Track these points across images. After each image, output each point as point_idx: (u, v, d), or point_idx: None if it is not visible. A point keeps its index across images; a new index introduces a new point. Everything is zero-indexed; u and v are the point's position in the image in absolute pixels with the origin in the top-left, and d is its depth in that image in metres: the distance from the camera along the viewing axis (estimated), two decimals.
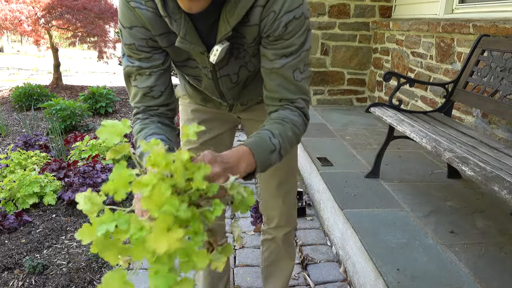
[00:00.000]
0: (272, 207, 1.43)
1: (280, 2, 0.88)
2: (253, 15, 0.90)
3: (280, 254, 1.52)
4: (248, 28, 0.93)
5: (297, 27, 0.91)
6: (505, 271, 1.64)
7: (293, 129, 0.95)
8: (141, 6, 0.90)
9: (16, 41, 19.25)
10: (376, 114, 2.51)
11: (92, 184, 2.59)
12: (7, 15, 6.05)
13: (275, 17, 0.89)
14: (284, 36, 0.91)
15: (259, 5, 0.89)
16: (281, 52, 0.94)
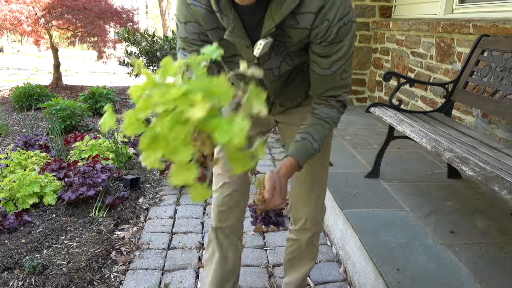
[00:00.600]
0: (301, 209, 1.42)
1: (333, 11, 0.96)
2: (303, 20, 0.98)
3: (302, 253, 1.53)
4: (295, 30, 1.00)
5: (346, 30, 1.01)
6: (505, 271, 1.64)
7: (330, 127, 1.13)
8: (196, 3, 1.00)
9: (16, 41, 19.25)
10: (376, 114, 2.51)
11: (92, 184, 2.59)
12: (7, 15, 6.05)
13: (329, 25, 0.98)
14: (335, 40, 1.00)
15: (310, 12, 0.96)
16: (333, 58, 1.04)
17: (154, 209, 2.65)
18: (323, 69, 1.07)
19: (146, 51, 6.03)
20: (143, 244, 2.22)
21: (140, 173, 3.18)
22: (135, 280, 1.91)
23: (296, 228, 1.48)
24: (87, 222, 2.39)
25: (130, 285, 1.87)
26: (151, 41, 6.01)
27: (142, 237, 2.30)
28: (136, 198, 2.78)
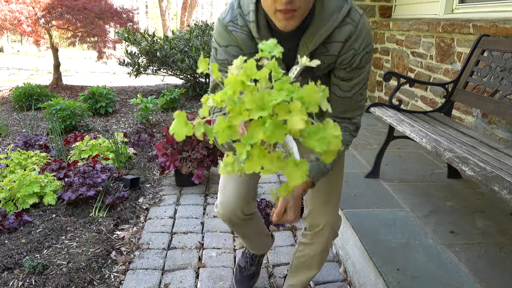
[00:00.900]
0: (319, 216, 1.42)
1: (359, 42, 1.08)
2: (333, 48, 1.10)
3: (312, 259, 1.51)
4: (324, 56, 1.12)
5: (368, 58, 1.13)
6: (505, 271, 1.64)
7: (345, 147, 1.22)
8: (237, 30, 1.10)
9: (16, 41, 19.25)
10: (376, 114, 2.51)
11: (92, 184, 2.59)
12: (7, 15, 6.05)
13: (355, 54, 1.10)
14: (359, 66, 1.12)
15: (339, 41, 1.08)
16: (354, 81, 1.14)
17: (154, 209, 2.65)
18: (343, 92, 1.17)
19: (146, 51, 6.02)
20: (143, 244, 2.22)
21: (140, 173, 3.18)
22: (135, 280, 1.91)
23: (311, 233, 1.46)
24: (87, 222, 2.39)
25: (130, 285, 1.87)
26: (151, 41, 6.01)
27: (142, 237, 2.30)
28: (136, 198, 2.78)
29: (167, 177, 3.16)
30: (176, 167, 2.82)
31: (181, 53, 5.78)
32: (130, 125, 4.72)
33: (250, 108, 0.65)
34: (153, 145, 3.77)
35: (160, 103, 5.17)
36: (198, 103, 5.73)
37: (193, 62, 5.64)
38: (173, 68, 6.02)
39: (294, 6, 0.95)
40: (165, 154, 2.85)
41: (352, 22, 1.07)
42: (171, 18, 22.81)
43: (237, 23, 1.09)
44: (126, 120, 4.96)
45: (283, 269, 2.01)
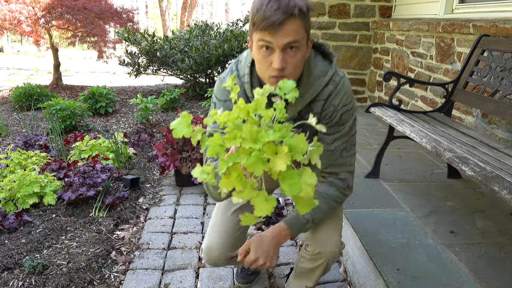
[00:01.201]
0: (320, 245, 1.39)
1: (338, 98, 1.21)
2: (316, 106, 1.23)
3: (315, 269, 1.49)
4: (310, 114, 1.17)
5: (349, 116, 1.24)
6: (505, 271, 1.64)
7: (328, 202, 1.29)
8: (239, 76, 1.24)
9: (16, 41, 19.24)
10: (376, 114, 2.51)
11: (92, 184, 2.59)
12: (7, 15, 6.05)
13: (334, 110, 1.22)
14: (339, 122, 1.23)
15: (321, 99, 1.22)
16: (335, 136, 1.24)
17: (154, 209, 2.65)
18: (326, 145, 1.24)
19: (146, 51, 6.02)
20: (143, 244, 2.22)
21: (140, 173, 3.18)
22: (135, 280, 1.91)
23: (310, 255, 1.44)
24: (87, 222, 2.39)
25: (130, 285, 1.87)
26: (151, 41, 6.01)
27: (142, 237, 2.30)
28: (136, 198, 2.78)
29: (167, 177, 3.16)
30: (176, 167, 2.82)
31: (181, 53, 5.78)
32: (130, 125, 4.72)
33: (245, 137, 0.72)
34: (153, 145, 3.77)
35: (160, 103, 5.17)
36: (198, 103, 5.73)
37: (193, 62, 5.64)
38: (173, 68, 6.02)
39: (284, 73, 1.10)
40: (165, 154, 2.85)
41: (333, 83, 1.21)
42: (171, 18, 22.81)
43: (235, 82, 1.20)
44: (126, 120, 4.96)
45: (283, 269, 2.01)
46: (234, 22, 6.78)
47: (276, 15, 1.04)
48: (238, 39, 5.81)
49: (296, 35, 1.08)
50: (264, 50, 1.11)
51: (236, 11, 31.58)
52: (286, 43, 1.07)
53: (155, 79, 8.93)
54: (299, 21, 1.07)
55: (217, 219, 1.52)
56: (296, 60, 1.11)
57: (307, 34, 1.13)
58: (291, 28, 1.06)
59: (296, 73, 1.14)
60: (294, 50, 1.09)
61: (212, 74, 6.20)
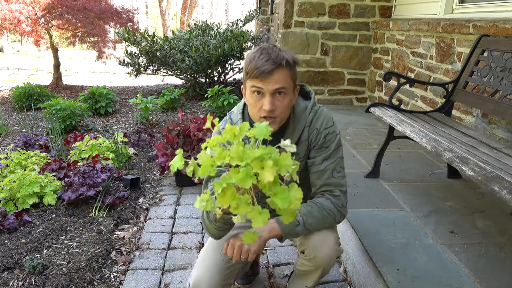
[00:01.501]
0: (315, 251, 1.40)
1: (319, 122, 1.39)
2: (303, 134, 1.40)
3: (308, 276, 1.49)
4: (300, 145, 1.39)
5: (332, 138, 1.39)
6: (505, 271, 1.64)
7: (320, 210, 1.36)
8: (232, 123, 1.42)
9: (16, 41, 19.24)
10: (376, 114, 2.51)
11: (92, 184, 2.59)
12: (6, 15, 6.05)
13: (318, 132, 1.38)
14: (324, 144, 1.39)
15: (306, 126, 1.39)
16: (323, 156, 1.38)
17: (154, 209, 2.65)
18: (316, 166, 1.39)
19: (146, 51, 6.02)
20: (143, 244, 2.22)
21: (140, 173, 3.18)
22: (135, 280, 1.91)
23: (307, 258, 1.43)
24: (87, 222, 2.39)
25: (130, 285, 1.87)
26: (151, 41, 6.01)
27: (142, 237, 2.30)
28: (136, 198, 2.78)
29: (167, 177, 3.16)
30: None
31: (181, 53, 5.78)
32: (130, 125, 4.72)
33: (233, 156, 0.84)
34: (153, 145, 3.77)
35: (160, 103, 5.17)
36: (198, 103, 5.73)
37: (193, 62, 5.64)
38: (173, 68, 6.02)
39: (273, 114, 1.28)
40: (165, 154, 2.85)
41: (313, 111, 1.41)
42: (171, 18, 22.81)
43: None
44: (126, 120, 4.96)
45: (283, 269, 2.01)
46: (234, 22, 6.78)
47: (266, 65, 1.24)
48: (238, 39, 5.81)
49: (284, 83, 1.27)
50: (256, 95, 1.29)
51: (236, 11, 31.58)
52: (275, 88, 1.26)
53: (155, 79, 8.93)
54: (286, 71, 1.27)
55: (207, 253, 1.48)
56: (284, 104, 1.29)
57: (294, 83, 1.32)
58: (279, 76, 1.26)
59: (283, 116, 1.32)
60: (282, 95, 1.28)
61: (212, 74, 6.20)
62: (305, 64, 4.77)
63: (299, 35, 4.66)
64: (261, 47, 1.31)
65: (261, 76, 1.25)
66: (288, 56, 1.28)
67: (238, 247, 1.29)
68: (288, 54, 1.29)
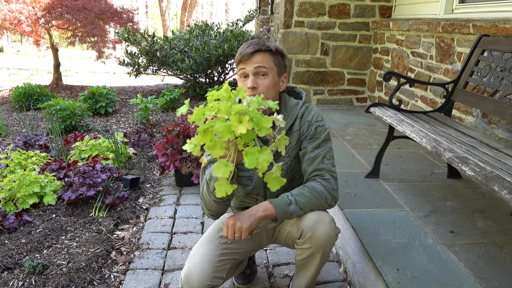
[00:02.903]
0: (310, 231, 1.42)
1: (310, 115, 1.51)
2: (295, 125, 1.51)
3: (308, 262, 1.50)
4: (292, 135, 1.50)
5: (322, 130, 1.50)
6: (505, 271, 1.64)
7: (311, 191, 1.43)
8: None
9: (16, 41, 19.24)
10: (376, 114, 2.51)
11: (92, 184, 2.59)
12: (7, 15, 6.05)
13: (309, 124, 1.50)
14: (315, 135, 1.49)
15: (298, 118, 1.50)
16: (314, 144, 1.48)
17: (154, 209, 2.65)
18: (309, 153, 1.48)
19: (146, 51, 6.02)
20: (143, 244, 2.22)
21: (140, 173, 3.18)
22: (135, 280, 1.91)
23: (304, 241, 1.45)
24: (87, 222, 2.39)
25: (130, 285, 1.87)
26: (151, 41, 6.01)
27: (142, 237, 2.30)
28: (136, 198, 2.78)
29: (167, 177, 3.16)
30: (176, 167, 2.82)
31: (181, 53, 5.78)
32: (130, 125, 4.72)
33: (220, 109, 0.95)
34: (153, 145, 3.77)
35: (160, 103, 5.17)
36: (198, 103, 5.73)
37: (193, 62, 5.64)
38: (173, 68, 6.02)
39: (256, 92, 1.41)
40: (165, 154, 2.85)
41: (305, 106, 1.54)
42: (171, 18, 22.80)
43: None
44: (126, 120, 4.96)
45: (283, 269, 2.01)
46: (234, 22, 6.78)
47: (248, 49, 1.43)
48: (238, 39, 5.81)
49: (264, 63, 1.42)
50: (243, 78, 1.46)
51: (236, 11, 31.59)
52: (255, 67, 1.41)
53: (155, 79, 8.93)
54: (267, 54, 1.43)
55: (200, 246, 1.52)
56: (266, 83, 1.42)
57: (278, 68, 1.46)
58: (259, 57, 1.42)
59: (267, 94, 1.43)
60: (264, 76, 1.42)
61: (212, 74, 6.20)
62: (305, 64, 4.77)
63: (299, 35, 4.67)
64: (250, 40, 1.48)
65: (243, 58, 1.43)
66: (271, 44, 1.45)
67: (231, 226, 1.35)
68: (272, 44, 1.45)
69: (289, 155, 1.52)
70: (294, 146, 1.51)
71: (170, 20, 21.53)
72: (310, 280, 1.59)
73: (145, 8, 29.39)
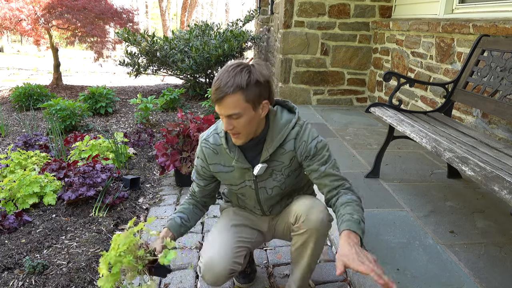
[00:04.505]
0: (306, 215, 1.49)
1: (306, 135, 1.46)
2: (288, 145, 1.47)
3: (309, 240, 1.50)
4: (284, 154, 1.47)
5: (322, 146, 1.47)
6: (505, 271, 1.64)
7: (357, 203, 1.42)
8: (207, 146, 1.55)
9: (16, 41, 19.25)
10: (376, 114, 2.51)
11: (92, 184, 2.58)
12: (7, 13, 6.05)
13: (306, 144, 1.46)
14: (318, 152, 1.46)
15: (291, 139, 1.46)
16: (320, 162, 1.46)
17: (154, 209, 2.65)
18: (318, 171, 1.46)
19: (146, 51, 6.02)
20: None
21: (140, 173, 3.18)
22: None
23: (298, 227, 1.49)
24: (87, 222, 2.39)
25: None
26: (151, 41, 6.01)
27: (142, 237, 2.29)
28: (136, 198, 2.78)
29: (167, 177, 3.16)
30: (176, 167, 2.82)
31: (181, 53, 5.78)
32: (130, 125, 4.72)
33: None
34: (153, 145, 3.77)
35: (160, 103, 5.17)
36: (198, 103, 5.73)
37: (193, 62, 5.64)
38: (173, 68, 6.03)
39: (235, 131, 1.40)
40: (165, 154, 2.85)
41: (298, 125, 1.48)
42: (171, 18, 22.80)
43: (209, 140, 1.54)
44: (126, 120, 4.96)
45: (283, 269, 2.01)
46: (234, 22, 6.78)
47: (216, 94, 1.34)
48: (238, 39, 5.81)
49: (234, 109, 1.33)
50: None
51: (236, 11, 31.58)
52: (226, 115, 1.36)
53: (155, 79, 8.93)
54: (236, 96, 1.32)
55: (215, 236, 1.59)
56: (241, 123, 1.37)
57: (252, 104, 1.35)
58: (229, 103, 1.33)
59: (247, 131, 1.41)
60: (237, 117, 1.36)
61: (212, 74, 6.20)
62: (305, 64, 4.77)
63: (299, 35, 4.67)
64: (225, 67, 1.36)
65: (214, 102, 1.38)
66: (240, 80, 1.32)
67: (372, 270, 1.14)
68: (244, 76, 1.32)
69: (282, 173, 1.52)
70: (287, 166, 1.50)
71: (170, 20, 21.53)
72: (303, 274, 1.58)
73: (145, 8, 29.40)
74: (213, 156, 1.55)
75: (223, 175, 1.57)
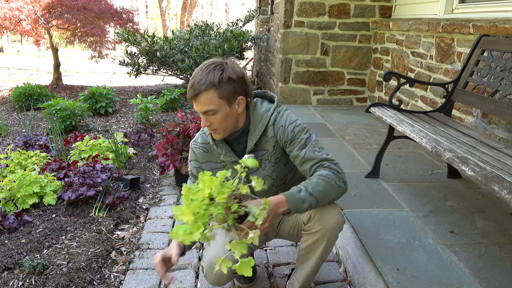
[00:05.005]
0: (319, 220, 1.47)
1: (283, 120, 1.49)
2: (268, 132, 1.51)
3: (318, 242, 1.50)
4: (267, 142, 1.51)
5: (300, 130, 1.48)
6: (505, 271, 1.64)
7: (317, 176, 1.40)
8: (196, 146, 1.61)
9: (16, 41, 19.25)
10: (376, 114, 2.51)
11: (92, 184, 2.59)
12: (7, 13, 6.05)
13: (284, 129, 1.48)
14: (295, 136, 1.47)
15: (270, 125, 1.50)
16: (299, 145, 1.46)
17: (154, 209, 2.65)
18: (298, 157, 1.46)
19: (146, 51, 6.02)
20: (143, 244, 2.22)
21: (140, 173, 3.18)
22: (135, 280, 1.91)
23: (310, 228, 1.48)
24: (87, 222, 2.39)
25: (130, 285, 1.87)
26: (151, 41, 6.01)
27: (142, 237, 2.30)
28: (136, 198, 2.78)
29: (167, 177, 3.16)
30: (176, 167, 2.82)
31: (181, 53, 5.78)
32: (130, 125, 4.72)
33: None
34: (153, 145, 3.77)
35: (160, 103, 5.17)
36: None
37: (193, 62, 5.64)
38: (173, 68, 6.02)
39: (213, 127, 1.45)
40: (165, 154, 2.85)
41: (276, 111, 1.52)
42: (171, 18, 22.80)
43: (197, 141, 1.61)
44: (126, 120, 4.96)
45: (283, 269, 2.01)
46: (234, 22, 6.78)
47: (190, 91, 1.39)
48: (238, 39, 5.81)
49: (209, 106, 1.38)
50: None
51: (236, 11, 31.58)
52: (202, 111, 1.40)
53: (155, 79, 8.93)
54: (210, 92, 1.36)
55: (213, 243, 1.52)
56: (218, 119, 1.41)
57: (226, 100, 1.39)
58: (203, 100, 1.38)
59: (225, 127, 1.45)
60: (212, 113, 1.40)
61: None
62: (305, 64, 4.77)
63: (299, 35, 4.66)
64: (200, 66, 1.41)
65: (190, 100, 1.42)
66: (212, 78, 1.36)
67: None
68: (214, 75, 1.36)
69: (269, 161, 1.54)
70: (272, 153, 1.52)
71: (170, 20, 21.53)
72: (309, 274, 1.58)
73: (145, 8, 29.40)
74: (204, 154, 1.60)
75: (217, 172, 1.56)
